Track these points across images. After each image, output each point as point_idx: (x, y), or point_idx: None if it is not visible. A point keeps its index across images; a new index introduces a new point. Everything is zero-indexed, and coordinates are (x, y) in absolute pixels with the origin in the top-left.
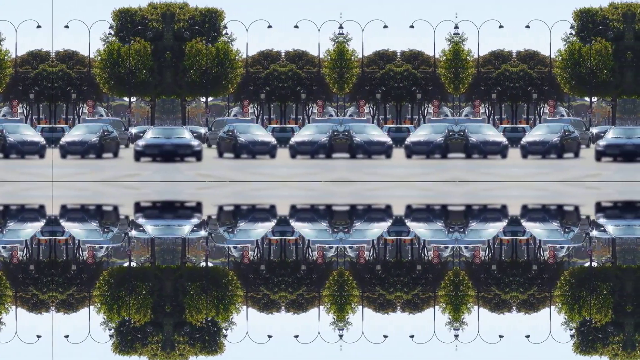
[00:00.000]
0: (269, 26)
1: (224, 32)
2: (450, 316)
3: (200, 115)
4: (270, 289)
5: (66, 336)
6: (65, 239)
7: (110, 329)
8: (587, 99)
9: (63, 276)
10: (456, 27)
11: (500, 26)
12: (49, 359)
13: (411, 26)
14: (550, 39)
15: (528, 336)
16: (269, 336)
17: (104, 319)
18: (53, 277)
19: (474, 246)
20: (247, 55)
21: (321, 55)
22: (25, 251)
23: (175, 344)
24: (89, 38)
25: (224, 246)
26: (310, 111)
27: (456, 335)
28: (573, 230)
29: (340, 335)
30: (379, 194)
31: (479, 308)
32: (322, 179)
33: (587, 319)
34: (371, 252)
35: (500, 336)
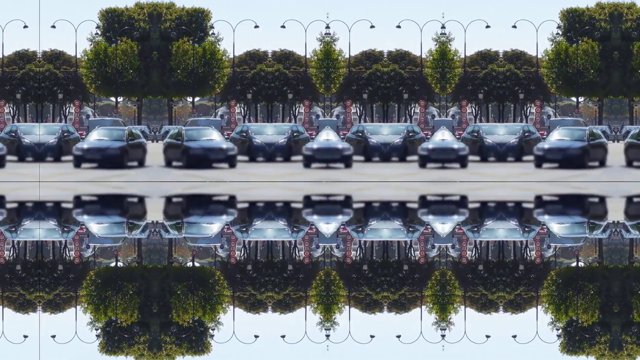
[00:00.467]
0: (256, 26)
1: (210, 32)
2: (437, 316)
3: (187, 115)
4: (258, 288)
5: (53, 336)
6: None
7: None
8: (574, 99)
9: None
10: (443, 27)
11: (487, 26)
12: (35, 359)
13: (398, 26)
14: (537, 39)
15: (515, 336)
16: (256, 336)
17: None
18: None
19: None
20: (234, 55)
21: (308, 55)
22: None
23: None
24: (75, 38)
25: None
26: (297, 111)
27: (443, 336)
28: None
29: (327, 335)
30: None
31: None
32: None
33: (574, 318)
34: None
35: (487, 336)
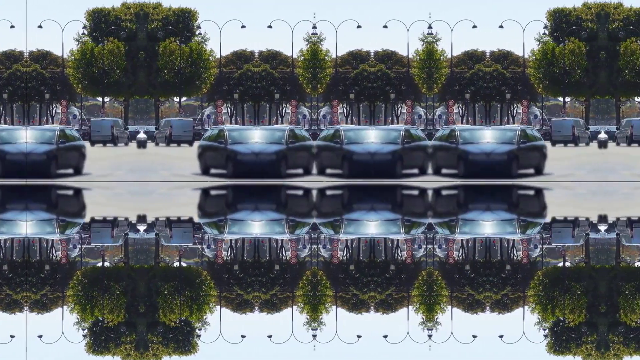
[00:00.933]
0: (243, 26)
1: (197, 32)
2: (424, 316)
3: (173, 115)
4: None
5: (40, 336)
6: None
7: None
8: (561, 99)
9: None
10: (430, 27)
11: (474, 26)
12: (22, 359)
13: (385, 26)
14: (523, 39)
15: (502, 336)
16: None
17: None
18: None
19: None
20: (221, 55)
21: (295, 55)
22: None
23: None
24: (62, 38)
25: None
26: (283, 111)
27: (430, 336)
28: None
29: (314, 335)
30: None
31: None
32: None
33: (561, 318)
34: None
35: (474, 336)
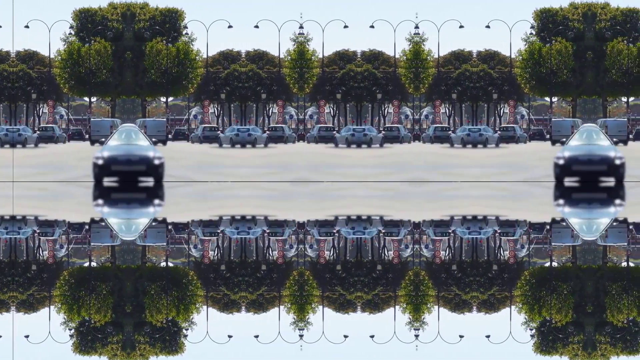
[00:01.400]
0: (230, 26)
1: (184, 32)
2: (411, 316)
3: (160, 115)
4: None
5: (26, 336)
6: None
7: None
8: (548, 99)
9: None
10: (416, 27)
11: (461, 26)
12: (9, 359)
13: (371, 26)
14: (510, 39)
15: (488, 336)
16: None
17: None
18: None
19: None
20: (208, 55)
21: (281, 55)
22: None
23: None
24: (49, 38)
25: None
26: (270, 111)
27: (416, 335)
28: None
29: (301, 335)
30: None
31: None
32: None
33: (548, 318)
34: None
35: (461, 336)
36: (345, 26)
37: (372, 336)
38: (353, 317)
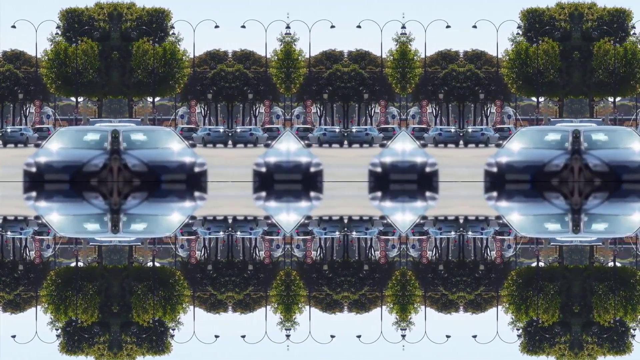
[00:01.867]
0: (216, 26)
1: (171, 32)
2: (397, 316)
3: (147, 115)
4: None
5: (13, 336)
6: None
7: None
8: (534, 98)
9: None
10: (403, 27)
11: (448, 26)
12: None
13: (358, 26)
14: (497, 39)
15: (475, 336)
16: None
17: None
18: None
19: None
20: (194, 55)
21: (268, 55)
22: None
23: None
24: (36, 38)
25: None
26: (257, 111)
27: (403, 335)
28: None
29: (288, 335)
30: None
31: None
32: None
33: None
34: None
35: (448, 336)
36: (332, 26)
37: (359, 336)
38: (340, 317)
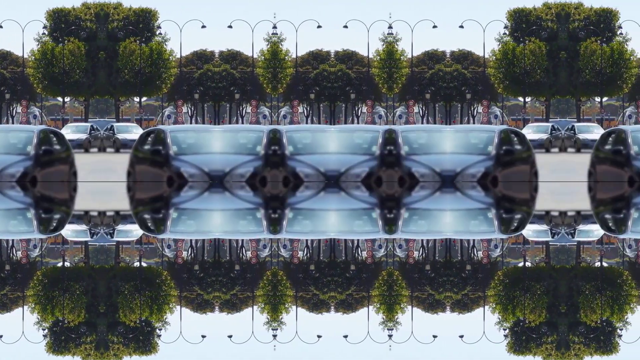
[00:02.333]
0: (203, 26)
1: (157, 32)
2: (384, 316)
3: (134, 115)
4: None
5: (0, 336)
6: None
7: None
8: (521, 99)
9: None
10: (390, 27)
11: (434, 26)
12: None
13: (345, 26)
14: (484, 39)
15: (462, 336)
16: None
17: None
18: None
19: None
20: (181, 55)
21: (255, 55)
22: None
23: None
24: (22, 38)
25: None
26: (244, 111)
27: (390, 335)
28: None
29: (274, 335)
30: None
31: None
32: None
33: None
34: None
35: (434, 336)
36: (319, 26)
37: (346, 336)
38: (327, 317)
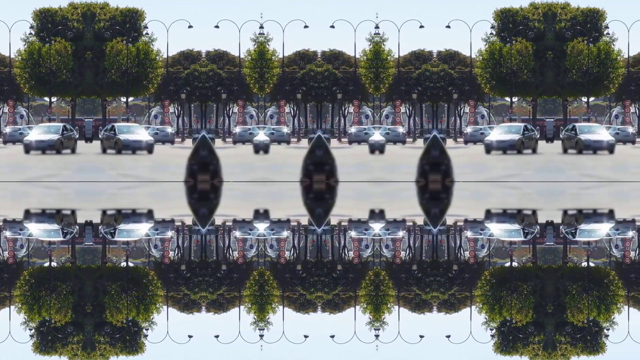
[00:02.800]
0: (190, 26)
1: (144, 32)
2: (371, 316)
3: (120, 115)
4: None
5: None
6: None
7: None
8: (508, 98)
9: None
10: (377, 27)
11: (421, 26)
12: None
13: (332, 26)
14: (470, 39)
15: (449, 336)
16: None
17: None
18: None
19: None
20: (168, 55)
21: (242, 55)
22: None
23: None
24: (9, 38)
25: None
26: (230, 111)
27: (377, 335)
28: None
29: (261, 335)
30: None
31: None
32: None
33: (508, 319)
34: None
35: (421, 336)
36: (306, 26)
37: (333, 336)
38: (313, 317)
